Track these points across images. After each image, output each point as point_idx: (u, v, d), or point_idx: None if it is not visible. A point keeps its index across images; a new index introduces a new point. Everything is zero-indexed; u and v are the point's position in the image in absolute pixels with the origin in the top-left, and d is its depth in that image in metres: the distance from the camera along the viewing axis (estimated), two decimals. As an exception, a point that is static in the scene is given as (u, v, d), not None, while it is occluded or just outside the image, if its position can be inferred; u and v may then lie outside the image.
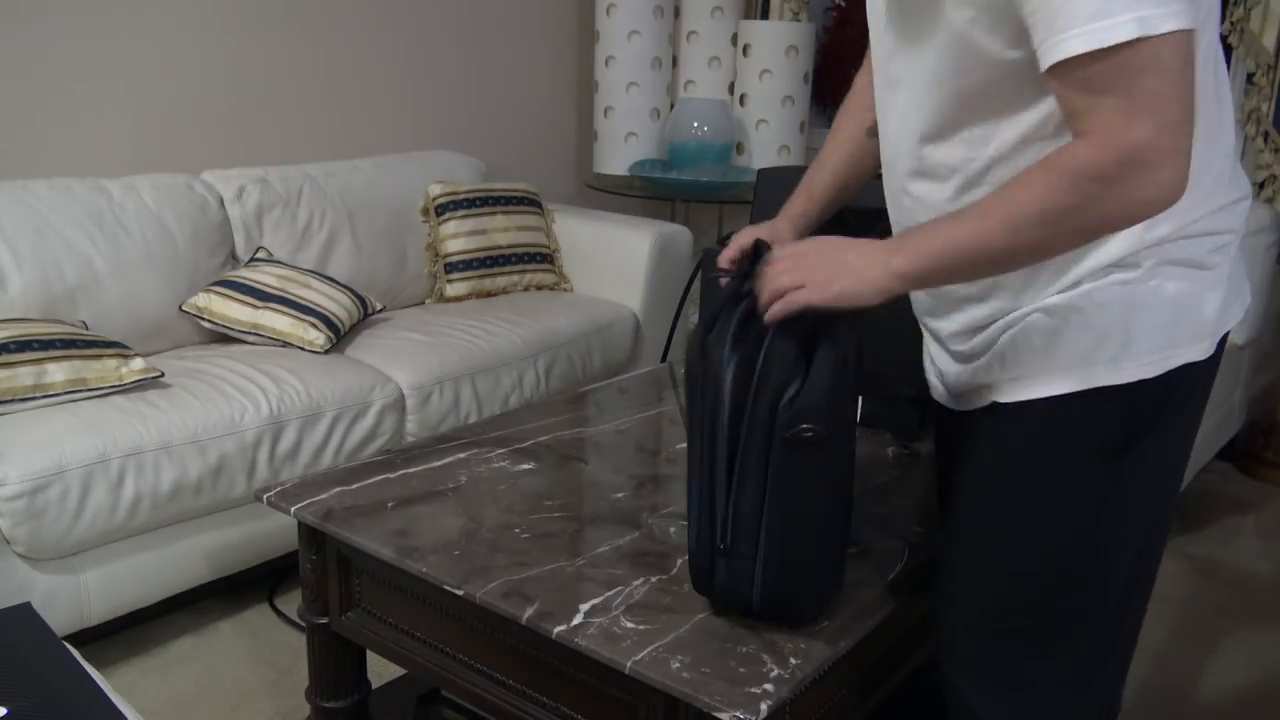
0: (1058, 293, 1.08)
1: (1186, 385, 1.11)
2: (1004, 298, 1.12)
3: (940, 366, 1.24)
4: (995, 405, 1.14)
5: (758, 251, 1.28)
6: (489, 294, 3.07)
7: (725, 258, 1.36)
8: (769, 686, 1.12)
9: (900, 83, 1.13)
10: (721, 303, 1.27)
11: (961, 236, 1.01)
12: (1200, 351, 1.10)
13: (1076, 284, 1.07)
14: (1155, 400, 1.09)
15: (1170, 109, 0.91)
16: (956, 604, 1.21)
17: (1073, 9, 0.91)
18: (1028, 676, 1.18)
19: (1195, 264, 1.07)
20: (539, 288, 3.15)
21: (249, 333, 2.48)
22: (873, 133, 1.38)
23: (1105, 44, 0.89)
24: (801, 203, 1.43)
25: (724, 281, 1.32)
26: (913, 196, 1.17)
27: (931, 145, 1.11)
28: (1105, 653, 1.20)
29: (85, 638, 2.05)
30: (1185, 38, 0.90)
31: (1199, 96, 0.99)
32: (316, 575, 1.55)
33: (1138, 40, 0.89)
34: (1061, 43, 0.92)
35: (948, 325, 1.20)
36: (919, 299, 1.24)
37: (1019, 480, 1.14)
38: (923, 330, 1.29)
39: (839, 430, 1.20)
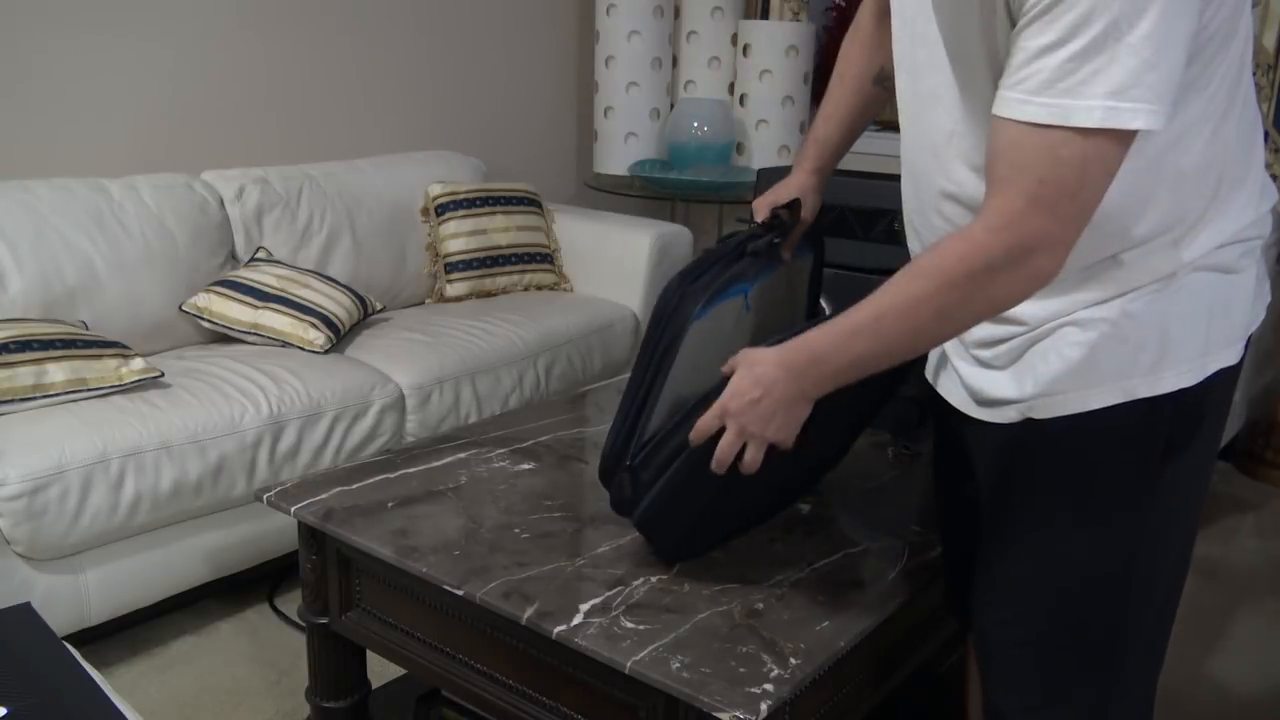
0: (1086, 307, 1.06)
1: (1220, 391, 1.10)
2: (1030, 312, 1.09)
3: (960, 371, 1.20)
4: (1030, 421, 1.11)
5: (790, 208, 1.42)
6: (489, 294, 3.07)
7: (764, 203, 1.44)
8: (769, 686, 1.12)
9: (940, 100, 1.09)
10: (717, 257, 1.31)
11: (863, 349, 1.06)
12: (1233, 355, 1.09)
13: (1105, 300, 1.05)
14: (1194, 408, 1.08)
15: (1073, 204, 0.93)
16: (1006, 625, 1.18)
17: (1050, 64, 0.89)
18: (1076, 693, 1.17)
19: (1225, 269, 1.06)
20: (539, 288, 3.15)
21: (249, 333, 2.48)
22: (878, 80, 1.39)
23: (1061, 123, 0.89)
24: (815, 154, 1.47)
25: (747, 227, 1.41)
26: (944, 216, 1.14)
27: (974, 172, 1.08)
28: (1147, 663, 1.19)
29: (85, 638, 2.05)
30: (1132, 139, 0.91)
31: (1238, 108, 1.00)
32: (316, 575, 1.55)
33: (1094, 130, 0.89)
34: (1024, 103, 0.91)
35: (974, 331, 1.16)
36: None
37: (1062, 497, 1.12)
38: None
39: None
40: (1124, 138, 0.91)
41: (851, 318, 1.06)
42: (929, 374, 1.29)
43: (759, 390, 1.13)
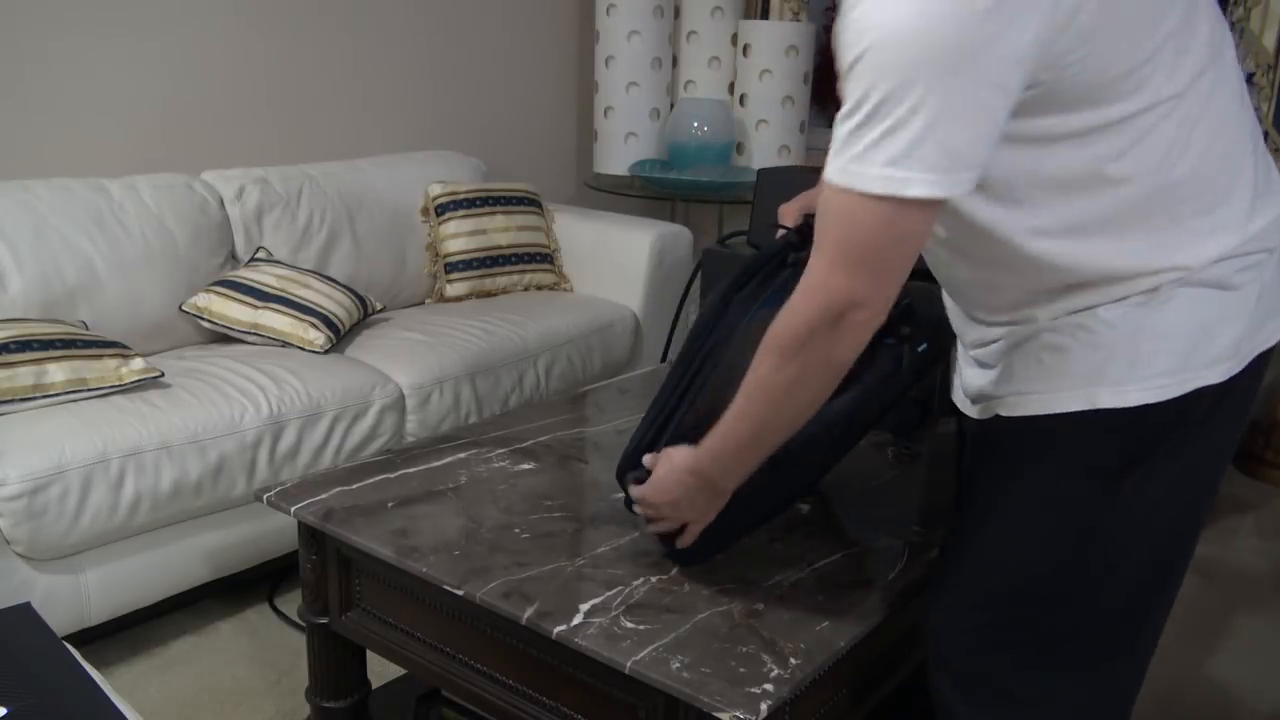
0: (1070, 313, 1.07)
1: (1204, 409, 1.06)
2: (1018, 317, 1.11)
3: (963, 374, 1.24)
4: (999, 418, 1.13)
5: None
6: (489, 294, 3.07)
7: (794, 210, 1.44)
8: (769, 686, 1.12)
9: None
10: (756, 268, 1.31)
11: (748, 432, 1.12)
12: (1218, 374, 1.05)
13: (1089, 308, 1.06)
14: (1161, 425, 1.05)
15: (874, 265, 0.95)
16: (948, 613, 1.20)
17: (842, 133, 0.93)
18: (1018, 692, 1.16)
19: (1219, 284, 1.04)
20: (539, 288, 3.15)
21: (249, 333, 2.48)
22: None
23: (852, 188, 0.93)
24: None
25: (779, 234, 1.39)
26: (935, 255, 1.18)
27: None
28: (1103, 673, 1.17)
29: (85, 638, 2.05)
30: (924, 205, 0.92)
31: (1212, 122, 0.99)
32: (316, 575, 1.55)
33: (880, 196, 0.91)
34: (830, 166, 0.95)
35: (971, 333, 1.20)
36: (951, 309, 1.26)
37: (1013, 495, 1.13)
38: (957, 337, 1.29)
39: (806, 455, 1.27)
40: (911, 204, 0.92)
41: (733, 406, 1.12)
42: (953, 393, 1.31)
43: (677, 491, 1.23)
